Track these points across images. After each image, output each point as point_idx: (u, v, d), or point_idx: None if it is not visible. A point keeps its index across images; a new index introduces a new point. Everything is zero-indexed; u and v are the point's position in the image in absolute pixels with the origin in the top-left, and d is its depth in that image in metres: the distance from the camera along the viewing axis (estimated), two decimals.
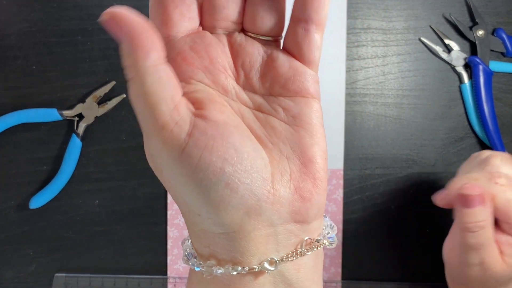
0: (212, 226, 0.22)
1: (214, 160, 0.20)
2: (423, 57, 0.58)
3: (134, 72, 0.20)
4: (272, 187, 0.22)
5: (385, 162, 0.58)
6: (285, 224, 0.23)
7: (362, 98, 0.58)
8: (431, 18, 0.58)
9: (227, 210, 0.21)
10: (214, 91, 0.23)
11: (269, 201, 0.22)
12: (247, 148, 0.21)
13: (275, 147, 0.23)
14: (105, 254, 0.58)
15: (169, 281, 0.57)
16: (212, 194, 0.21)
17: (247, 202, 0.21)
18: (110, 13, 0.20)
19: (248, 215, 0.22)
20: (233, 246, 0.22)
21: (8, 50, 0.56)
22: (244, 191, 0.21)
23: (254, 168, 0.21)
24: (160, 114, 0.20)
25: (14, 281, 0.58)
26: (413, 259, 0.59)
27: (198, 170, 0.21)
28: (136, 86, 0.21)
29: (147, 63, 0.20)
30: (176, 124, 0.21)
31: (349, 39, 0.58)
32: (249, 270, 0.22)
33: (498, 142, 0.57)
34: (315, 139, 0.24)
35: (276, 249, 0.23)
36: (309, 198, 0.23)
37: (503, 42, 0.57)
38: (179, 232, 0.58)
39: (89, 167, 0.57)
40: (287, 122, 0.24)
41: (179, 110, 0.21)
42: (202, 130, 0.21)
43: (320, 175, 0.23)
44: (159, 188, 0.58)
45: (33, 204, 0.56)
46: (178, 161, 0.21)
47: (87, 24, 0.57)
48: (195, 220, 0.23)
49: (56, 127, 0.57)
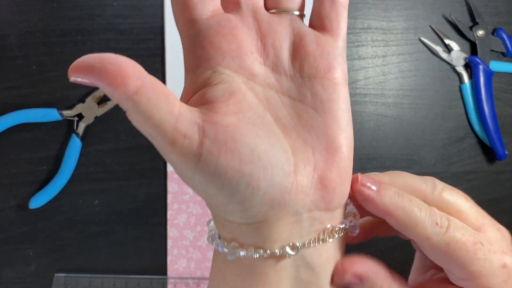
0: (238, 218, 0.23)
1: (231, 163, 0.20)
2: (423, 57, 0.58)
3: (124, 106, 0.20)
4: (295, 178, 0.22)
5: (385, 162, 0.58)
6: (309, 212, 0.23)
7: (362, 98, 0.58)
8: (431, 18, 0.58)
9: (252, 206, 0.22)
10: (239, 77, 0.23)
11: (292, 193, 0.22)
12: (264, 145, 0.21)
13: (300, 137, 0.23)
14: (105, 254, 0.58)
15: (169, 281, 0.57)
16: (235, 195, 0.21)
17: (270, 197, 0.22)
18: (71, 70, 0.20)
19: (272, 208, 0.22)
20: (257, 234, 0.23)
21: (8, 50, 0.56)
22: (266, 187, 0.21)
23: (273, 163, 0.21)
24: (165, 132, 0.20)
25: (14, 281, 0.58)
26: (412, 259, 0.59)
27: (217, 175, 0.21)
28: (132, 117, 0.21)
29: (128, 93, 0.20)
30: (185, 137, 0.20)
31: (349, 39, 0.58)
32: (271, 254, 0.22)
33: (498, 142, 0.57)
34: (342, 126, 0.24)
35: (299, 235, 0.23)
36: (333, 187, 0.23)
37: (503, 42, 0.57)
38: (179, 232, 0.58)
39: (89, 167, 0.57)
40: (315, 108, 0.23)
41: (183, 121, 0.21)
42: (213, 136, 0.20)
43: (345, 165, 0.24)
44: (159, 188, 0.58)
45: (33, 204, 0.56)
46: (196, 170, 0.21)
47: (87, 24, 0.57)
48: (220, 213, 0.23)
49: (56, 127, 0.57)
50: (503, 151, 0.57)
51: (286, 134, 0.23)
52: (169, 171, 0.57)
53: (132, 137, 0.57)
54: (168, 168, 0.57)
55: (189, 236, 0.58)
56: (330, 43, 0.24)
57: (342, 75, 0.24)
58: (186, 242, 0.58)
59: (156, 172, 0.58)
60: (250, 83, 0.23)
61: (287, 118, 0.23)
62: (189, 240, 0.58)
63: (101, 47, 0.57)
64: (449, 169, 0.59)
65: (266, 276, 0.23)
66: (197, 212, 0.58)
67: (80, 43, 0.57)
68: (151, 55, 0.57)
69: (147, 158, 0.57)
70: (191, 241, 0.58)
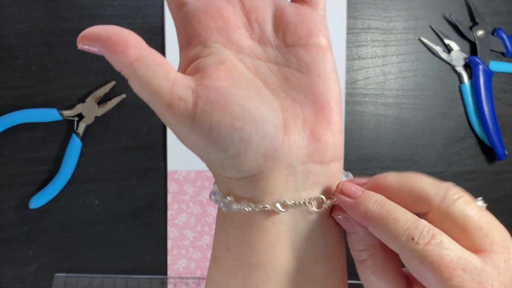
0: (235, 173, 0.24)
1: (223, 119, 0.22)
2: (423, 57, 0.58)
3: (125, 73, 0.22)
4: (286, 132, 0.24)
5: (385, 162, 0.58)
6: (304, 164, 0.24)
7: (362, 98, 0.58)
8: (431, 18, 0.58)
9: (246, 159, 0.23)
10: (228, 50, 0.25)
11: (284, 146, 0.24)
12: (253, 103, 0.23)
13: (288, 96, 0.25)
14: (105, 254, 0.58)
15: (169, 281, 0.57)
16: (230, 149, 0.23)
17: (263, 149, 0.23)
18: (79, 39, 0.22)
19: (266, 161, 0.24)
20: (253, 187, 0.24)
21: (8, 50, 0.57)
22: (258, 140, 0.23)
23: (263, 117, 0.23)
24: (163, 96, 0.22)
25: (14, 281, 0.58)
26: None
27: (212, 132, 0.22)
28: (133, 83, 0.23)
29: (130, 60, 0.22)
30: (181, 99, 0.22)
31: (349, 39, 0.58)
32: (262, 208, 0.24)
33: (498, 142, 0.57)
34: (328, 85, 0.25)
35: (295, 188, 0.24)
36: (325, 140, 0.24)
37: (503, 42, 0.57)
38: (179, 232, 0.58)
39: (89, 167, 0.57)
40: (300, 71, 0.25)
41: (179, 85, 0.23)
42: (206, 97, 0.22)
43: (334, 119, 0.25)
44: (159, 188, 0.58)
45: (33, 204, 0.56)
46: (192, 129, 0.23)
47: (87, 24, 0.57)
48: (219, 171, 0.25)
49: (56, 127, 0.57)
50: (503, 151, 0.57)
51: (275, 95, 0.25)
52: (169, 171, 0.57)
53: (132, 137, 0.57)
54: (168, 168, 0.57)
55: (189, 236, 0.58)
56: (310, 12, 0.26)
57: (324, 40, 0.26)
58: (186, 242, 0.58)
59: (156, 172, 0.58)
60: (239, 55, 0.25)
61: (276, 82, 0.25)
62: (189, 240, 0.58)
63: None
64: (449, 169, 0.59)
65: (264, 229, 0.24)
66: (197, 212, 0.58)
67: None
68: None
69: (147, 158, 0.57)
70: (191, 241, 0.58)
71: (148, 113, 0.57)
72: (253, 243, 0.24)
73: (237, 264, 0.25)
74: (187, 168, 0.58)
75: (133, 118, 0.57)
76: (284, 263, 0.24)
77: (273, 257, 0.24)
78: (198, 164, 0.57)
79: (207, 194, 0.58)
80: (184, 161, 0.57)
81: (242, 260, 0.25)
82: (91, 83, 0.57)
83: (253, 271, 0.24)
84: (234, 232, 0.25)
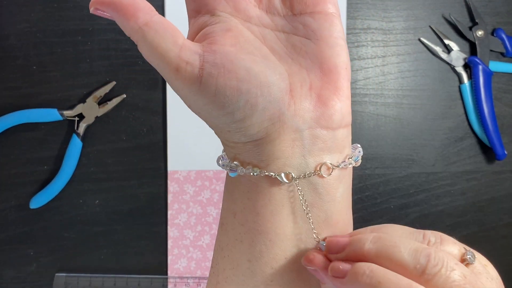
0: (242, 138, 0.24)
1: (229, 83, 0.23)
2: (423, 57, 0.58)
3: (135, 37, 0.23)
4: (292, 96, 0.24)
5: (385, 162, 0.58)
6: (311, 129, 0.24)
7: (362, 98, 0.58)
8: (431, 18, 0.58)
9: (252, 123, 0.23)
10: (236, 19, 0.25)
11: (291, 109, 0.24)
12: (260, 67, 0.23)
13: (295, 62, 0.25)
14: (105, 254, 0.58)
15: (169, 281, 0.58)
16: (236, 112, 0.23)
17: (269, 112, 0.23)
18: (92, 3, 0.23)
19: (273, 124, 0.24)
20: (260, 151, 0.24)
21: (8, 50, 0.57)
22: (264, 103, 0.23)
23: (269, 81, 0.23)
24: (171, 60, 0.23)
25: (14, 281, 0.58)
26: None
27: (218, 95, 0.23)
28: (142, 48, 0.23)
29: (139, 24, 0.23)
30: (188, 63, 0.23)
31: (349, 39, 0.58)
32: (267, 174, 0.24)
33: (498, 142, 0.57)
34: (336, 50, 0.25)
35: (301, 153, 0.24)
36: (332, 105, 0.24)
37: (502, 42, 0.58)
38: (179, 232, 0.58)
39: (89, 167, 0.57)
40: (308, 37, 0.25)
41: (186, 50, 0.23)
42: (212, 61, 0.23)
43: (341, 84, 0.25)
44: (159, 188, 0.58)
45: (34, 204, 0.56)
46: (199, 93, 0.23)
47: (87, 24, 0.57)
48: (226, 136, 0.25)
49: (56, 127, 0.57)
50: (503, 151, 0.57)
51: (282, 61, 0.25)
52: (169, 171, 0.57)
53: (132, 137, 0.57)
54: (168, 168, 0.57)
55: (189, 236, 0.58)
56: None
57: (332, 7, 0.26)
58: (186, 241, 0.58)
59: (156, 172, 0.58)
60: (246, 24, 0.25)
61: (283, 49, 0.25)
62: (190, 239, 0.58)
63: (101, 47, 0.57)
64: (448, 169, 0.59)
65: (270, 194, 0.24)
66: (197, 212, 0.58)
67: (80, 43, 0.57)
68: None
69: (147, 158, 0.58)
70: (191, 241, 0.58)
71: (148, 113, 0.57)
72: (259, 208, 0.24)
73: (242, 229, 0.25)
74: (187, 168, 0.58)
75: (133, 118, 0.57)
76: (288, 231, 0.24)
77: (278, 223, 0.24)
78: (198, 164, 0.57)
79: (207, 194, 0.58)
80: (184, 161, 0.57)
81: (247, 225, 0.25)
82: (92, 83, 0.57)
83: (257, 237, 0.24)
84: (241, 197, 0.25)
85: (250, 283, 0.25)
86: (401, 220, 0.59)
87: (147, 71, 0.57)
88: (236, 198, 0.26)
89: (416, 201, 0.59)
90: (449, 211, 0.59)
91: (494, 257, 0.63)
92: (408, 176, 0.59)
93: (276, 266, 0.24)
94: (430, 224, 0.59)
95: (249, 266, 0.25)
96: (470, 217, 0.59)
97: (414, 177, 0.59)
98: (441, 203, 0.59)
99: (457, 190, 0.59)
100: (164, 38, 0.23)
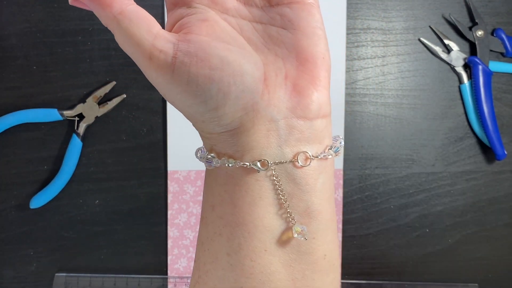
0: (216, 127, 0.24)
1: (201, 71, 0.23)
2: (422, 57, 0.58)
3: (110, 26, 0.23)
4: (266, 85, 0.24)
5: (385, 162, 0.58)
6: (287, 119, 0.24)
7: (362, 98, 0.58)
8: (430, 18, 0.58)
9: (226, 112, 0.23)
10: (213, 10, 0.25)
11: (265, 98, 0.24)
12: (233, 55, 0.23)
13: (271, 51, 0.25)
14: (105, 254, 0.58)
15: (169, 281, 0.58)
16: (209, 101, 0.23)
17: (242, 101, 0.23)
18: None
19: (246, 113, 0.24)
20: (235, 141, 0.24)
21: (8, 50, 0.57)
22: (236, 92, 0.23)
23: (242, 70, 0.23)
24: (144, 48, 0.23)
25: (14, 281, 0.58)
26: (412, 259, 0.59)
27: (191, 84, 0.23)
28: (117, 35, 0.24)
29: (114, 13, 0.23)
30: (161, 52, 0.23)
31: (348, 39, 0.58)
32: (242, 164, 0.24)
33: (498, 142, 0.57)
34: (313, 40, 0.25)
35: (278, 143, 0.24)
36: (309, 94, 0.24)
37: (502, 42, 0.58)
38: (179, 232, 0.58)
39: (89, 167, 0.57)
40: (285, 27, 0.25)
41: (160, 39, 0.23)
42: (185, 50, 0.23)
43: (318, 73, 0.25)
44: (159, 188, 0.58)
45: (34, 204, 0.56)
46: (172, 82, 0.23)
47: (87, 24, 0.57)
48: (201, 126, 0.25)
49: (56, 127, 0.57)
50: (502, 151, 0.57)
51: (257, 51, 0.25)
52: (169, 171, 0.58)
53: (132, 137, 0.57)
54: (168, 168, 0.58)
55: (189, 236, 0.58)
56: None
57: None
58: (186, 241, 0.58)
59: (156, 172, 0.58)
60: (223, 15, 0.26)
61: (260, 40, 0.25)
62: (189, 239, 0.58)
63: (101, 47, 0.57)
64: (448, 169, 0.59)
65: (247, 186, 0.24)
66: (197, 212, 0.58)
67: (80, 43, 0.57)
68: None
69: (147, 158, 0.58)
70: (191, 241, 0.58)
71: (148, 113, 0.57)
72: (236, 200, 0.24)
73: (221, 222, 0.25)
74: (187, 168, 0.58)
75: (133, 118, 0.57)
76: (267, 222, 0.24)
77: (256, 215, 0.24)
78: (198, 164, 0.57)
79: None
80: (184, 161, 0.57)
81: (226, 218, 0.25)
82: (92, 83, 0.57)
83: (236, 229, 0.24)
84: (218, 190, 0.25)
85: (230, 277, 0.24)
86: (401, 220, 0.59)
87: None
88: (214, 190, 0.26)
89: (416, 201, 0.59)
90: (449, 211, 0.59)
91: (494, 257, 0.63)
92: (408, 176, 0.59)
93: (256, 259, 0.24)
94: (430, 224, 0.59)
95: (228, 259, 0.24)
96: (470, 217, 0.59)
97: (414, 177, 0.59)
98: (441, 203, 0.59)
99: (457, 190, 0.59)
100: (139, 27, 0.23)
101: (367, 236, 0.58)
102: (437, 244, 0.59)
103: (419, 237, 0.59)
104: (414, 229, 0.59)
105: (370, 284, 0.58)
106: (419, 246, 0.59)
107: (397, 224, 0.59)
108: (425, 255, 0.59)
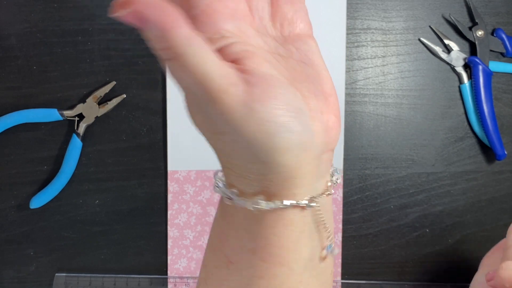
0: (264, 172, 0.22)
1: (275, 109, 0.20)
2: (422, 57, 0.58)
3: (172, 51, 0.19)
4: (313, 122, 0.23)
5: (385, 162, 0.58)
6: (323, 154, 0.24)
7: (362, 98, 0.58)
8: (430, 18, 0.58)
9: (287, 152, 0.21)
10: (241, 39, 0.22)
11: (315, 136, 0.23)
12: (289, 93, 0.21)
13: (303, 87, 0.23)
14: (105, 254, 0.58)
15: (169, 281, 0.58)
16: (277, 139, 0.20)
17: (302, 138, 0.21)
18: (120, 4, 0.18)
19: (303, 152, 0.22)
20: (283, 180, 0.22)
21: (8, 50, 0.57)
22: (299, 127, 0.21)
23: (299, 107, 0.22)
24: (215, 81, 0.19)
25: (14, 281, 0.58)
26: (412, 259, 0.59)
27: (266, 120, 0.20)
28: (178, 65, 0.19)
29: (182, 36, 0.19)
30: (232, 85, 0.20)
31: (348, 39, 0.58)
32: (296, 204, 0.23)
33: (498, 142, 0.57)
34: (327, 75, 0.25)
35: (317, 177, 0.24)
36: (336, 127, 0.24)
37: (502, 42, 0.58)
38: (179, 232, 0.58)
39: (89, 167, 0.57)
40: (303, 61, 0.24)
41: (228, 70, 0.20)
42: (253, 83, 0.20)
43: (337, 109, 0.25)
44: (159, 188, 0.58)
45: (34, 204, 0.56)
46: (243, 118, 0.20)
47: (87, 24, 0.57)
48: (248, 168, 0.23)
49: (56, 127, 0.57)
50: (503, 151, 0.57)
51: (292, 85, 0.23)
52: (169, 171, 0.57)
53: (132, 137, 0.57)
54: (168, 168, 0.57)
55: (189, 236, 0.58)
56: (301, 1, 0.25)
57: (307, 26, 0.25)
58: (186, 241, 0.58)
59: (156, 172, 0.58)
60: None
61: (286, 73, 0.23)
62: (189, 239, 0.58)
63: (101, 48, 0.57)
64: (448, 169, 0.59)
65: (293, 224, 0.23)
66: (197, 212, 0.58)
67: (81, 43, 0.57)
68: (151, 55, 0.57)
69: (147, 158, 0.58)
70: (191, 241, 0.58)
71: (148, 113, 0.57)
72: (283, 240, 0.23)
73: (263, 265, 0.24)
74: (187, 168, 0.58)
75: (133, 118, 0.57)
76: (305, 255, 0.24)
77: (299, 251, 0.24)
78: (198, 164, 0.57)
79: (207, 194, 0.58)
80: (184, 161, 0.57)
81: (270, 260, 0.24)
82: (92, 83, 0.57)
83: (280, 269, 0.24)
84: (263, 233, 0.23)
85: None
86: (401, 220, 0.59)
87: (147, 71, 0.57)
88: (256, 234, 0.24)
89: (416, 201, 0.59)
90: (449, 211, 0.59)
91: None
92: (408, 176, 0.59)
93: None
94: (430, 224, 0.59)
95: None
96: (470, 217, 0.59)
97: (414, 177, 0.59)
98: (441, 203, 0.59)
99: (457, 190, 0.59)
100: (207, 54, 0.19)
101: (367, 236, 0.58)
102: (437, 244, 0.59)
103: (419, 237, 0.59)
104: (414, 229, 0.59)
105: (370, 284, 0.58)
106: (419, 246, 0.59)
107: (397, 224, 0.59)
108: (425, 255, 0.59)
